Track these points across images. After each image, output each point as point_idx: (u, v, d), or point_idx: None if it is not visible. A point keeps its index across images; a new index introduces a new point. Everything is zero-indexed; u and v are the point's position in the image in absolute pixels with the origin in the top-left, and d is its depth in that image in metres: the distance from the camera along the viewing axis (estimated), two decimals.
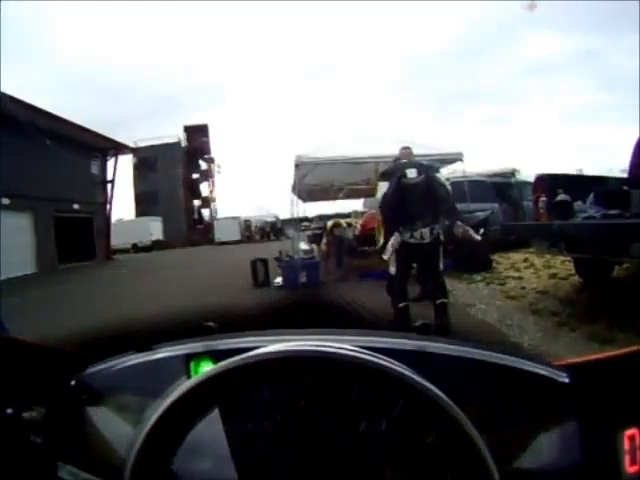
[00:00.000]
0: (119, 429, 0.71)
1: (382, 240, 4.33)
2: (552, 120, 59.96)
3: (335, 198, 10.78)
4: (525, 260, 7.65)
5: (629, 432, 0.60)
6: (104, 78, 52.78)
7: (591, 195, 4.83)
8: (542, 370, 0.69)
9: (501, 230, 7.61)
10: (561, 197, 4.92)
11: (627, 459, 0.60)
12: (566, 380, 0.67)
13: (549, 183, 5.18)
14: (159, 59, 65.67)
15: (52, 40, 47.66)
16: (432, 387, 0.55)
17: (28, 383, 0.72)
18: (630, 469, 0.59)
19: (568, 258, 5.68)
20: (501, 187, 10.23)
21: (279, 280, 7.19)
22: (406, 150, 4.39)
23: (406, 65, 72.32)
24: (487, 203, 8.77)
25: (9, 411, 0.66)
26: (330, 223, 9.10)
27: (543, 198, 5.07)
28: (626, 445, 0.60)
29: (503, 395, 0.68)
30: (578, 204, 4.93)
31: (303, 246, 7.54)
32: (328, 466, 0.59)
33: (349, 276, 7.04)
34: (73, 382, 0.76)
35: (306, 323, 0.90)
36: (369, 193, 8.65)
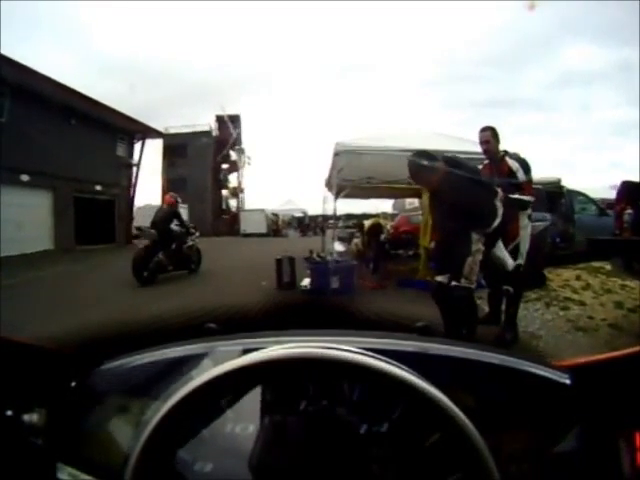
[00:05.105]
0: (120, 431, 0.70)
1: None
2: (585, 132, 58.18)
3: (372, 196, 9.75)
4: (578, 278, 6.86)
5: (630, 433, 0.59)
6: (139, 64, 53.33)
7: None
8: (544, 371, 0.68)
9: (585, 244, 6.84)
10: None
11: (628, 460, 0.58)
12: (567, 381, 0.66)
13: (636, 193, 4.43)
14: (195, 47, 65.73)
15: (88, 25, 48.32)
16: (433, 389, 0.55)
17: (28, 384, 0.70)
18: (631, 470, 0.58)
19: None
20: (552, 196, 9.30)
21: (306, 282, 6.39)
22: (486, 132, 3.69)
23: (441, 67, 71.07)
24: (539, 213, 7.92)
25: (9, 413, 0.65)
26: (368, 223, 8.41)
27: (629, 211, 4.34)
28: (627, 446, 0.58)
29: (504, 396, 0.67)
30: None
31: (338, 247, 6.73)
32: (330, 467, 0.58)
33: (386, 283, 6.28)
34: (74, 384, 0.74)
35: (314, 326, 0.86)
36: (414, 192, 7.74)
